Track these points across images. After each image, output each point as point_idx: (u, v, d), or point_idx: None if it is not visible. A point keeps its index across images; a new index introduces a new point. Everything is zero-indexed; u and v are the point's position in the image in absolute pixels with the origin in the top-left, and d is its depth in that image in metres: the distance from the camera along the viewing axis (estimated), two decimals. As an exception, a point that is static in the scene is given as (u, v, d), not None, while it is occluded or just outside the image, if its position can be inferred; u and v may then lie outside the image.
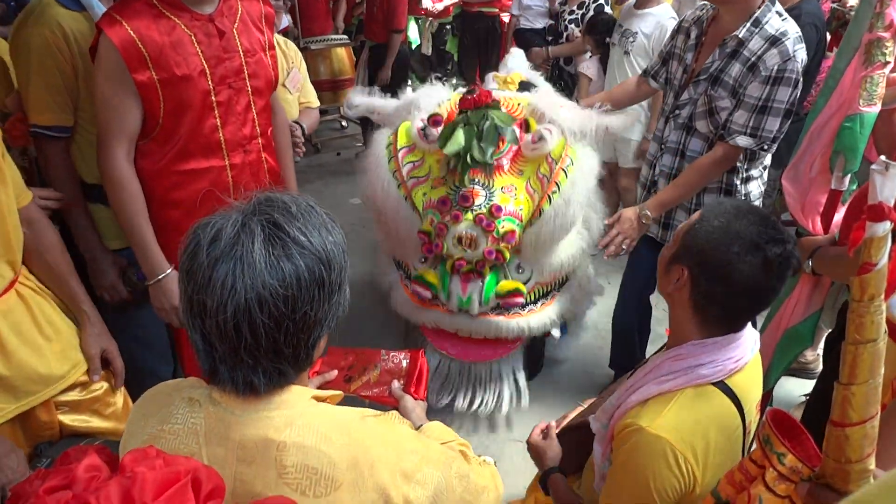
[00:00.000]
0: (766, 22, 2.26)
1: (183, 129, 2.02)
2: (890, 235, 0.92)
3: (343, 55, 6.11)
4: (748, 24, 2.28)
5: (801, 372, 3.21)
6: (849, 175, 2.13)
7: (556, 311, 2.84)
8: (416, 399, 1.54)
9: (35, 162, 2.29)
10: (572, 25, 5.11)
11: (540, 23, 5.80)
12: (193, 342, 1.07)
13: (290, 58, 3.10)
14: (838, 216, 2.17)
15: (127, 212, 2.02)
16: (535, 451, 1.81)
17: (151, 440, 1.09)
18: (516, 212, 2.57)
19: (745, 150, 2.36)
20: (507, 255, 2.56)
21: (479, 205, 2.55)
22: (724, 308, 1.40)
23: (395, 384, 1.57)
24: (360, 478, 1.06)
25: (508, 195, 2.58)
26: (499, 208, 2.53)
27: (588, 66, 4.69)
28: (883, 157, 0.91)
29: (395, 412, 1.22)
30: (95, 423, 1.88)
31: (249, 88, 2.15)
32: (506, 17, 6.59)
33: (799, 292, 2.28)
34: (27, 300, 1.70)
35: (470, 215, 2.54)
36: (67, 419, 1.81)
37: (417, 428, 1.36)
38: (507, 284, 2.63)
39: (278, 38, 3.05)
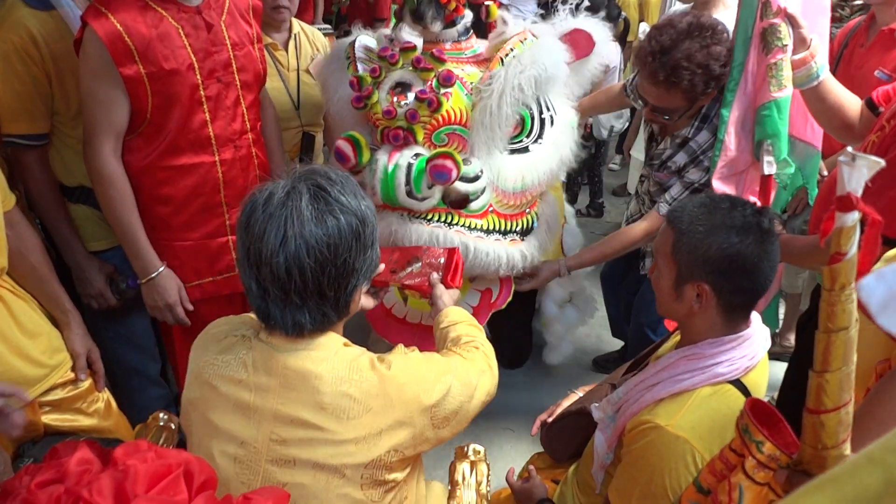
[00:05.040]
0: (714, 115, 2.28)
1: (171, 124, 2.00)
2: (858, 225, 0.94)
3: (327, 45, 6.07)
4: (696, 122, 2.32)
5: (784, 356, 3.25)
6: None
7: (521, 249, 2.45)
8: (449, 287, 1.87)
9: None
10: (567, 15, 5.08)
11: (531, 9, 5.77)
12: (248, 288, 1.26)
13: (314, 45, 3.04)
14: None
15: (117, 210, 2.00)
16: (520, 494, 1.82)
17: (206, 366, 1.31)
18: (463, 80, 2.26)
19: None
20: (444, 104, 2.18)
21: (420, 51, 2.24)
22: (751, 293, 1.43)
23: (434, 275, 1.88)
24: (389, 401, 1.27)
25: (455, 68, 2.27)
26: (441, 52, 2.22)
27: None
28: (850, 149, 0.93)
29: (400, 346, 1.44)
30: (79, 421, 1.88)
31: (238, 82, 2.13)
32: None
33: None
34: (7, 302, 1.69)
35: (411, 56, 2.21)
36: (50, 419, 1.81)
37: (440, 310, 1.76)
38: (437, 151, 2.21)
39: (304, 26, 3.01)
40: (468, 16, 2.30)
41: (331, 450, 1.24)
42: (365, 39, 2.39)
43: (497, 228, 2.39)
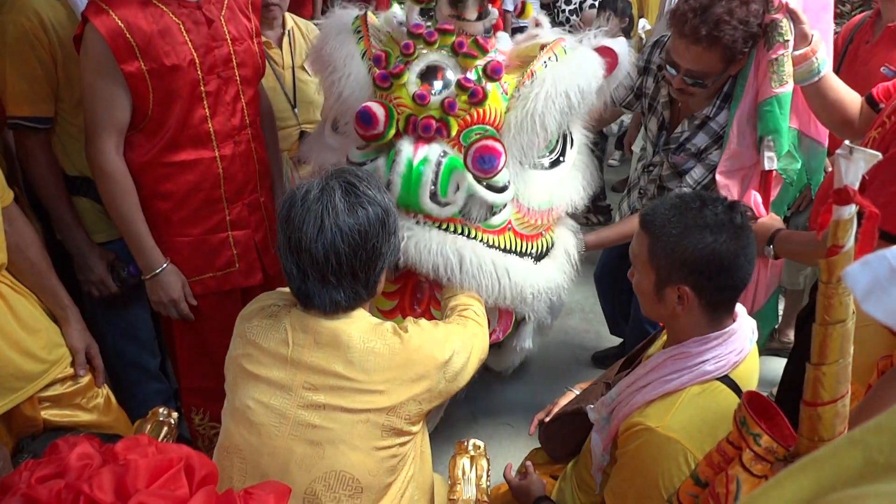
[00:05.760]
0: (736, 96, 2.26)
1: (172, 120, 1.99)
2: (856, 218, 0.94)
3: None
4: (717, 101, 2.28)
5: (783, 351, 3.26)
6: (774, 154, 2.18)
7: (544, 272, 2.19)
8: None
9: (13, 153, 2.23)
10: (574, 17, 4.91)
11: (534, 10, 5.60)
12: (289, 273, 1.46)
13: (309, 40, 2.94)
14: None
15: (120, 206, 2.00)
16: (517, 491, 1.82)
17: (251, 328, 1.50)
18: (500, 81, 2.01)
19: None
20: (488, 95, 1.92)
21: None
22: (733, 289, 1.43)
23: None
24: (410, 358, 1.47)
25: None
26: (486, 40, 1.99)
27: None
28: (847, 142, 0.93)
29: (410, 318, 1.63)
30: (79, 416, 1.89)
31: (238, 78, 2.12)
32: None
33: (757, 277, 2.32)
34: (6, 297, 1.69)
35: (448, 40, 1.96)
36: (50, 414, 1.82)
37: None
38: (482, 132, 1.93)
39: (298, 20, 2.97)
40: (494, 13, 2.10)
41: (357, 396, 1.42)
42: (371, 16, 2.14)
43: (514, 249, 2.13)
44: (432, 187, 1.90)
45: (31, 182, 2.09)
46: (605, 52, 2.16)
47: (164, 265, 2.09)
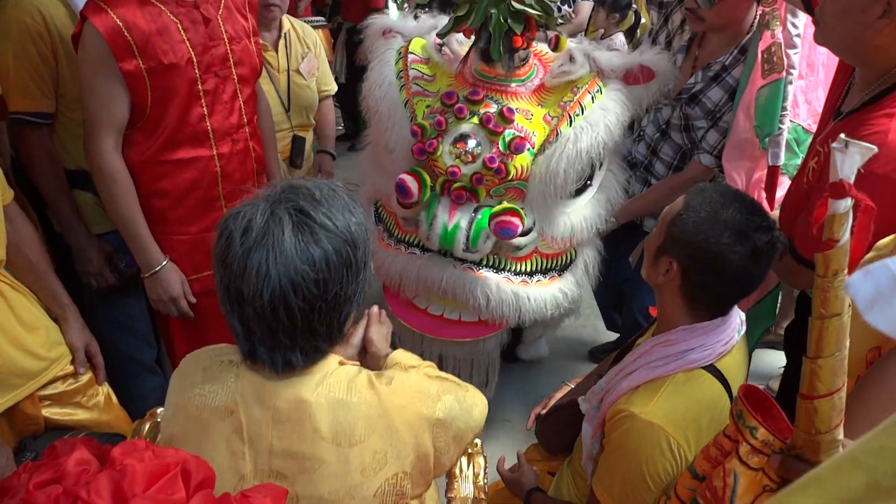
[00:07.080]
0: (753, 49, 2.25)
1: (170, 118, 2.00)
2: (851, 212, 0.94)
3: (318, 41, 5.99)
4: (735, 52, 2.27)
5: (779, 344, 3.25)
6: (780, 149, 2.17)
7: (561, 288, 2.46)
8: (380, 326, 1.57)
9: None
10: (566, 7, 4.93)
11: None
12: (232, 327, 1.15)
13: (305, 43, 3.01)
14: (780, 192, 2.22)
15: (119, 205, 2.00)
16: (510, 483, 1.82)
17: (193, 398, 1.19)
18: (528, 135, 2.23)
19: (712, 170, 2.37)
20: (511, 172, 2.18)
21: (490, 107, 2.25)
22: (714, 296, 1.42)
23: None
24: (391, 423, 1.17)
25: (523, 116, 2.26)
26: (511, 111, 2.19)
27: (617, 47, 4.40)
28: (843, 136, 0.93)
29: (400, 361, 1.37)
30: (79, 415, 1.89)
31: (235, 76, 2.13)
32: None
33: None
34: (6, 295, 1.69)
35: (477, 109, 2.22)
36: (51, 412, 1.82)
37: (385, 356, 1.46)
38: (503, 206, 2.23)
39: (295, 22, 3.00)
40: (527, 54, 2.29)
41: (335, 483, 1.14)
42: (412, 47, 2.38)
43: (539, 269, 2.43)
44: (464, 245, 2.23)
45: (32, 176, 2.11)
46: (641, 69, 2.29)
47: (164, 262, 2.09)
